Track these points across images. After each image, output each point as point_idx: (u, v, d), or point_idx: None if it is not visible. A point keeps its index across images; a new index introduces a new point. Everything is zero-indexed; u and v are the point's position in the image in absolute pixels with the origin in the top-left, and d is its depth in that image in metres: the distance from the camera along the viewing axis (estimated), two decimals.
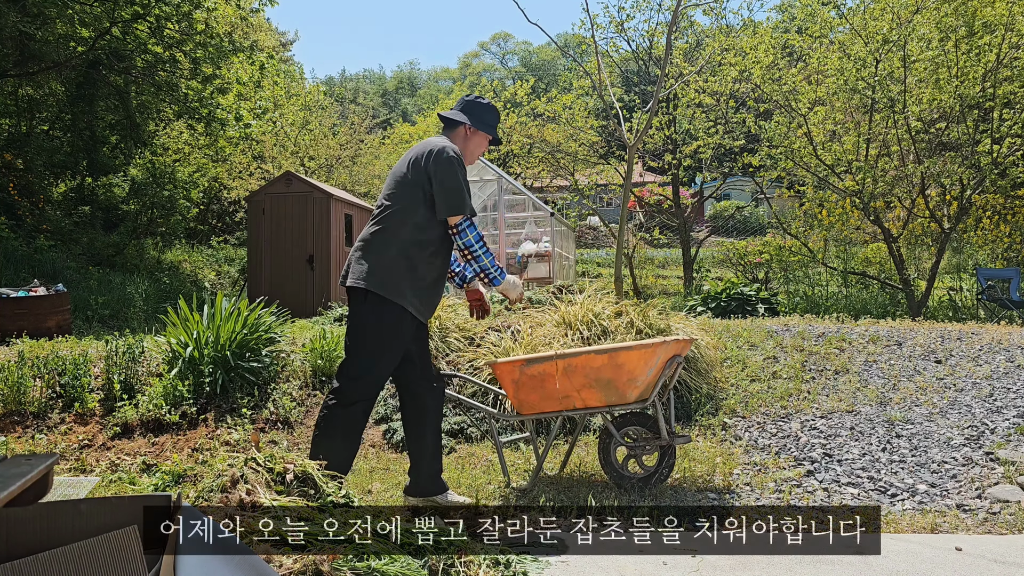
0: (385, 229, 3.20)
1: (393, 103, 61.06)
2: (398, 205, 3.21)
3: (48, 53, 11.76)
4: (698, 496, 3.57)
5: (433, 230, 3.21)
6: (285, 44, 31.75)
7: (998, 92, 9.07)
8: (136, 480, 4.04)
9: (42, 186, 13.91)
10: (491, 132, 3.47)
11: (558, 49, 13.32)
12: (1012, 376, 4.86)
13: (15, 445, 4.49)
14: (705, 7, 13.16)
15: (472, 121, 3.41)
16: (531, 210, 13.70)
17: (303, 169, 20.78)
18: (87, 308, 10.32)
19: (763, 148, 11.50)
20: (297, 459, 2.29)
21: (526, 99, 17.06)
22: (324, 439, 3.14)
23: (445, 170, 3.16)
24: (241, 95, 14.08)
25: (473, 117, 3.42)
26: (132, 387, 5.06)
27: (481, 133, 3.45)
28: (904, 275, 9.81)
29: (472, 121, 3.41)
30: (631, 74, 22.77)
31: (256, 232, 11.43)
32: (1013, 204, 10.88)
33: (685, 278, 15.64)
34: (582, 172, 17.68)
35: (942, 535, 3.07)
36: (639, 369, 3.36)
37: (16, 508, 1.91)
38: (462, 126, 3.42)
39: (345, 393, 3.16)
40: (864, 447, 4.11)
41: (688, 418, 4.78)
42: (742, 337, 5.99)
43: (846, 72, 9.58)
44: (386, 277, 3.13)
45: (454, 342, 5.39)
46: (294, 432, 4.85)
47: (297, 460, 2.28)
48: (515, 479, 3.93)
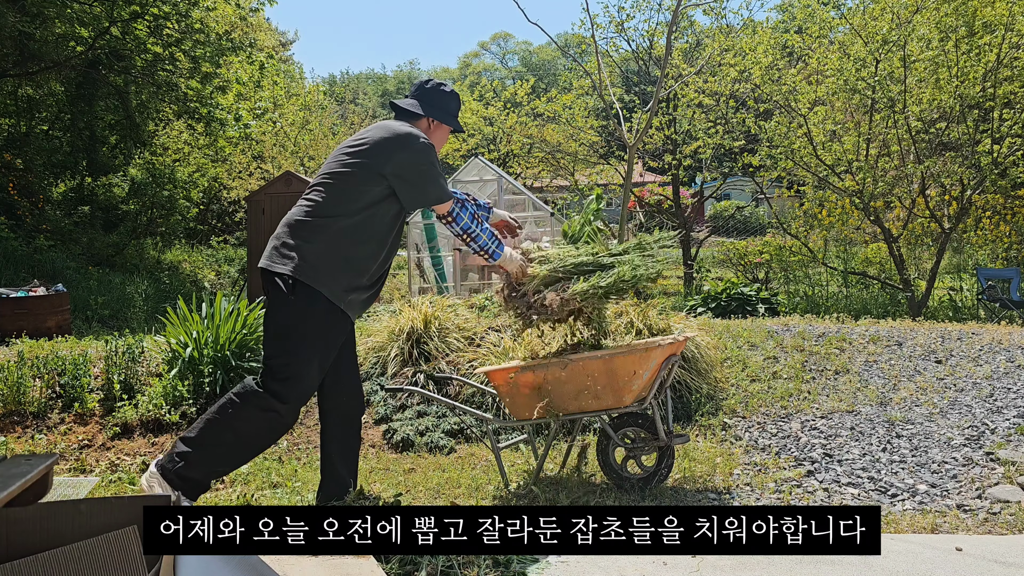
0: (321, 213, 2.84)
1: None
2: (345, 186, 2.85)
3: (47, 53, 11.76)
4: (698, 496, 3.57)
5: (382, 220, 2.90)
6: (285, 44, 31.74)
7: (998, 92, 9.07)
8: (136, 480, 4.03)
9: (42, 186, 13.92)
10: (454, 123, 3.15)
11: (558, 49, 13.34)
12: (1012, 376, 4.86)
13: (15, 445, 4.49)
14: (705, 7, 13.16)
15: (436, 114, 3.07)
16: (531, 210, 13.68)
17: (303, 169, 20.77)
18: (87, 308, 10.33)
19: (763, 148, 11.49)
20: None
21: (526, 99, 17.07)
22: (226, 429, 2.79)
23: (423, 159, 2.88)
24: (241, 95, 14.09)
25: (435, 109, 3.08)
26: (132, 387, 5.06)
27: (445, 126, 3.14)
28: (904, 275, 9.81)
29: (436, 114, 3.07)
30: (631, 74, 22.77)
31: (256, 232, 11.44)
32: (1013, 204, 10.88)
33: (685, 278, 15.64)
34: (582, 172, 17.67)
35: (942, 535, 3.07)
36: (635, 372, 3.35)
37: (16, 508, 1.91)
38: (424, 119, 3.07)
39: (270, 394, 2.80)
40: (864, 447, 4.11)
41: (688, 418, 4.78)
42: (742, 337, 5.99)
43: (846, 72, 9.58)
44: (320, 266, 2.79)
45: (454, 342, 5.39)
46: (294, 432, 4.85)
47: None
48: (514, 480, 3.93)
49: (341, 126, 24.69)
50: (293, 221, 2.88)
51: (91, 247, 13.44)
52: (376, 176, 2.85)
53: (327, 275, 2.79)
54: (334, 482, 3.15)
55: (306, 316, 2.79)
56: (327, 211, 2.84)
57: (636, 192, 17.29)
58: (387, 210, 2.91)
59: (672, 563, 2.70)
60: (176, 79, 12.86)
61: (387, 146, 2.86)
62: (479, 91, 20.11)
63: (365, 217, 2.86)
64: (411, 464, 4.31)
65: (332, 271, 2.81)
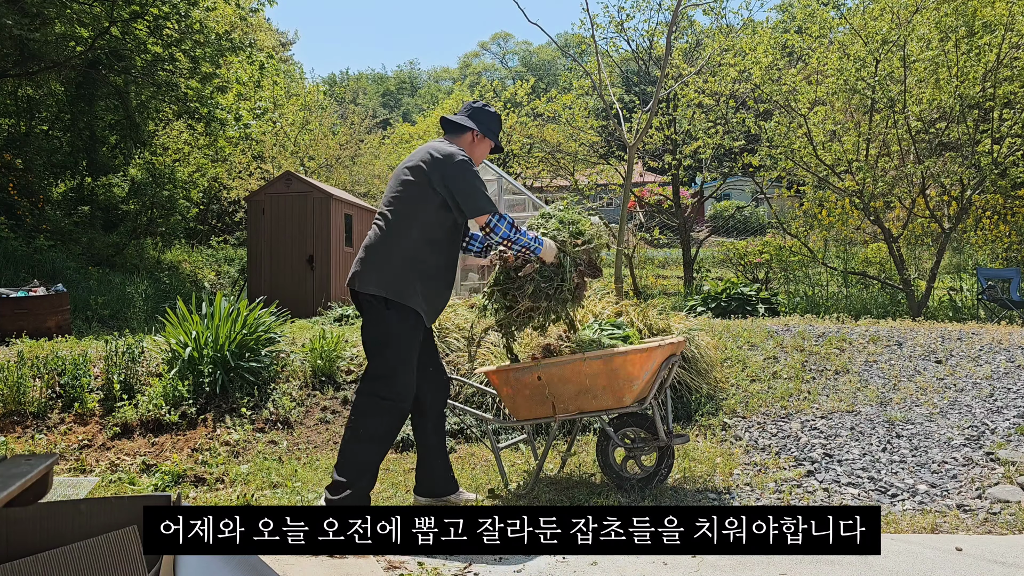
0: (392, 233, 3.22)
1: (394, 103, 61.09)
2: (405, 207, 3.23)
3: (47, 53, 11.76)
4: (698, 496, 3.57)
5: (440, 230, 3.25)
6: (285, 44, 31.74)
7: (998, 92, 9.07)
8: (136, 480, 4.03)
9: (42, 186, 13.91)
10: (495, 139, 3.55)
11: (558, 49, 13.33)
12: (1012, 376, 4.86)
13: (15, 445, 4.49)
14: (705, 7, 13.16)
15: (480, 128, 3.47)
16: (531, 210, 13.67)
17: (303, 169, 20.77)
18: (87, 308, 10.32)
19: (763, 148, 11.49)
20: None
21: (526, 99, 17.06)
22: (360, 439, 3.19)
23: (462, 173, 3.20)
24: (241, 95, 14.08)
25: (481, 124, 3.48)
26: (132, 387, 5.06)
27: (487, 140, 3.51)
28: (904, 275, 9.81)
29: (480, 128, 3.47)
30: (631, 74, 22.77)
31: (256, 232, 11.43)
32: (1013, 204, 10.88)
33: (685, 278, 15.63)
34: (582, 172, 17.67)
35: (942, 535, 3.07)
36: (634, 373, 3.35)
37: (16, 508, 1.91)
38: (469, 132, 3.46)
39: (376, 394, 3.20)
40: (864, 447, 4.11)
41: (688, 418, 4.78)
42: (742, 337, 5.99)
43: (846, 72, 9.58)
44: (400, 283, 3.16)
45: (454, 342, 5.39)
46: (294, 432, 4.85)
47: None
48: (514, 480, 3.93)
49: (341, 126, 24.66)
50: (371, 244, 3.26)
51: (91, 247, 13.44)
52: (430, 192, 3.21)
53: (411, 291, 3.18)
54: (442, 480, 3.50)
55: (401, 330, 3.19)
56: (396, 231, 3.21)
57: (636, 192, 17.29)
58: (444, 221, 3.25)
59: (672, 563, 2.70)
60: (176, 79, 12.85)
61: (433, 164, 3.22)
62: (479, 91, 20.10)
63: (427, 231, 3.22)
64: (411, 464, 4.31)
65: (413, 286, 3.18)
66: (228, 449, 4.56)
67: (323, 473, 4.19)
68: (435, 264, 3.26)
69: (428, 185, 3.20)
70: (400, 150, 23.91)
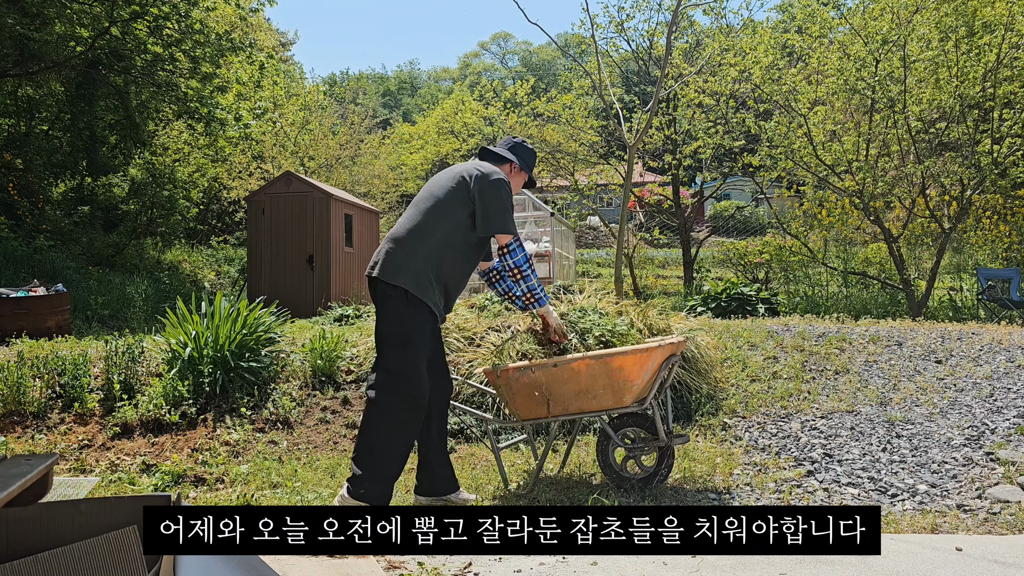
0: (422, 229, 3.32)
1: (394, 103, 61.08)
2: (438, 209, 3.35)
3: (47, 53, 11.76)
4: (698, 496, 3.57)
5: (466, 237, 3.37)
6: (285, 44, 31.74)
7: (998, 92, 9.07)
8: (136, 480, 4.04)
9: (42, 186, 13.91)
10: (530, 173, 3.77)
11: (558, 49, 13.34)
12: (1012, 376, 4.86)
13: (15, 445, 4.49)
14: (705, 7, 13.16)
15: (519, 161, 3.67)
16: (531, 210, 13.70)
17: (303, 169, 20.76)
18: (87, 308, 10.32)
19: (763, 148, 11.49)
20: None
21: (526, 99, 17.04)
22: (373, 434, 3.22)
23: (497, 191, 3.36)
24: (241, 95, 14.07)
25: (520, 158, 3.68)
26: (132, 387, 5.06)
27: (523, 174, 3.72)
28: (904, 275, 9.81)
29: (519, 161, 3.67)
30: (631, 74, 22.77)
31: (256, 232, 11.43)
32: (1013, 204, 10.88)
33: (685, 278, 15.64)
34: (582, 172, 17.66)
35: (942, 535, 3.07)
36: (634, 373, 3.35)
37: (16, 508, 1.91)
38: (509, 163, 3.64)
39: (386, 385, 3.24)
40: (864, 447, 4.11)
41: (688, 418, 4.78)
42: (742, 337, 5.99)
43: (846, 72, 9.57)
44: (421, 277, 3.25)
45: (454, 342, 5.39)
46: (294, 432, 4.85)
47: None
48: (514, 480, 3.93)
49: (341, 126, 24.65)
50: (399, 236, 3.33)
51: (91, 247, 13.44)
52: (465, 198, 3.35)
53: (429, 288, 3.26)
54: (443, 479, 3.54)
55: (420, 325, 3.26)
56: (427, 229, 3.31)
57: (636, 192, 17.29)
58: (471, 228, 3.37)
59: (672, 563, 2.70)
60: (176, 79, 12.85)
61: (477, 176, 3.39)
62: (479, 91, 20.08)
63: (455, 236, 3.34)
64: (411, 464, 4.31)
65: (431, 283, 3.27)
66: (228, 449, 4.56)
67: (323, 473, 4.19)
68: (452, 268, 3.36)
69: (466, 193, 3.35)
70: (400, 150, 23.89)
